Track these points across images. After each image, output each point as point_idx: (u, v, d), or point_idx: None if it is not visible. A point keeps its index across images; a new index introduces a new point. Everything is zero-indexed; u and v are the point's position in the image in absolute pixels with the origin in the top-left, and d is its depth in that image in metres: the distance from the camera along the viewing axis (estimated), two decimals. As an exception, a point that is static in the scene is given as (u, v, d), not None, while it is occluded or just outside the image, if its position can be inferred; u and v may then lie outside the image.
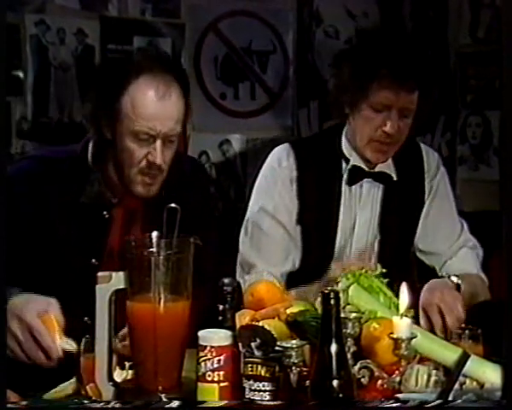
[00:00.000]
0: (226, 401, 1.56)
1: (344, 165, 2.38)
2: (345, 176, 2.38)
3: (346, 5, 3.49)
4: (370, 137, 2.29)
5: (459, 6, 3.53)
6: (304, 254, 2.38)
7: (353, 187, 2.38)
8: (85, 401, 1.63)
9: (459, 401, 1.55)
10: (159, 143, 1.99)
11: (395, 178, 2.39)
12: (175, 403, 1.56)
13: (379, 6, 3.52)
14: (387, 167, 2.39)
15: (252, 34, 3.41)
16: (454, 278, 2.18)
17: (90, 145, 2.10)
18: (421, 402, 1.54)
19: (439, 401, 1.54)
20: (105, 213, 2.07)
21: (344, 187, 2.38)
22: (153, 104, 1.97)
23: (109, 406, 1.60)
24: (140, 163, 2.01)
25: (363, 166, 2.37)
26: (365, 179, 2.38)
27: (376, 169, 2.38)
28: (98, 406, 1.60)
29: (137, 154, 2.00)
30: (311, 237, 2.38)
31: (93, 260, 2.04)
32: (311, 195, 2.37)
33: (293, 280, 2.35)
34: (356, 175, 2.37)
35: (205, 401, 1.57)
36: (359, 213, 2.38)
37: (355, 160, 2.37)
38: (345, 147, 2.38)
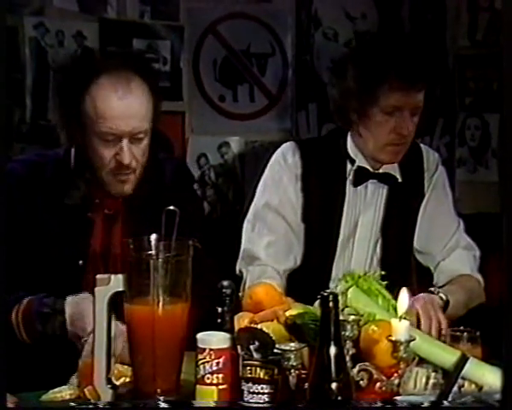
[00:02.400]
0: (213, 403, 1.57)
1: (349, 166, 2.39)
2: (350, 177, 2.38)
3: (345, 7, 3.50)
4: (385, 142, 2.29)
5: (457, 9, 3.54)
6: (306, 252, 2.38)
7: (358, 188, 2.38)
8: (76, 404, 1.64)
9: (446, 403, 1.56)
10: (125, 142, 1.98)
11: (400, 180, 2.40)
12: (166, 405, 1.56)
13: (377, 8, 3.52)
14: (392, 168, 2.39)
15: (251, 37, 3.41)
16: (442, 296, 2.17)
17: (73, 149, 2.10)
18: (417, 405, 1.54)
19: (429, 404, 1.54)
20: (89, 214, 2.07)
21: (348, 187, 2.38)
22: (113, 104, 1.96)
23: (102, 406, 1.61)
24: (109, 164, 2.01)
25: (369, 167, 2.38)
26: (370, 180, 2.38)
27: (381, 170, 2.39)
28: (91, 407, 1.61)
29: (106, 155, 2.00)
30: (314, 236, 2.38)
31: (80, 262, 2.04)
32: (316, 193, 2.38)
33: (294, 278, 2.36)
34: (361, 176, 2.38)
35: (191, 403, 1.57)
36: (362, 213, 2.39)
37: (360, 161, 2.37)
38: (350, 148, 2.39)
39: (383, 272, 1.96)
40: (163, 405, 1.57)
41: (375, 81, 2.23)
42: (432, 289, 2.18)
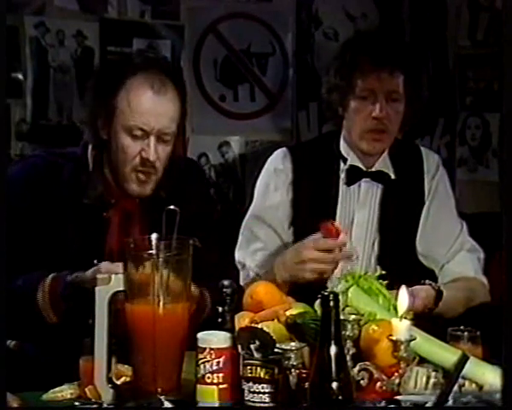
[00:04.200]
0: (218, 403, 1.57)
1: (342, 165, 2.40)
2: (342, 176, 2.39)
3: (346, 7, 3.49)
4: (363, 129, 2.32)
5: (458, 8, 3.53)
6: None
7: (351, 187, 2.39)
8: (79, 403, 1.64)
9: (449, 402, 1.56)
10: (152, 139, 2.02)
11: (393, 177, 2.40)
12: (170, 405, 1.56)
13: (378, 8, 3.52)
14: (385, 166, 2.40)
15: (251, 36, 3.40)
16: (434, 285, 2.18)
17: (90, 148, 2.12)
18: (419, 404, 1.54)
19: (432, 403, 1.54)
20: (105, 213, 2.09)
21: (342, 187, 2.39)
22: (147, 99, 2.01)
23: (105, 406, 1.61)
24: (134, 160, 2.04)
25: (361, 165, 2.38)
26: (363, 179, 2.39)
27: (374, 168, 2.40)
28: (94, 407, 1.61)
29: (131, 150, 2.03)
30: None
31: (95, 261, 2.05)
32: (307, 197, 2.38)
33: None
34: (354, 175, 2.38)
35: (195, 402, 1.57)
36: (357, 212, 2.39)
37: (352, 159, 2.38)
38: (343, 147, 2.40)
39: (383, 272, 1.96)
40: (167, 404, 1.58)
41: (350, 69, 2.29)
42: (424, 281, 2.19)
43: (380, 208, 2.40)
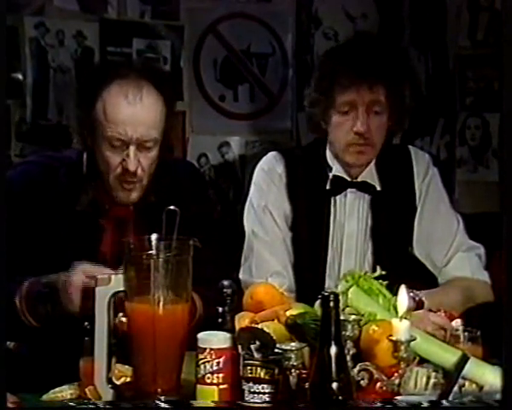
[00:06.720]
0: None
1: (329, 174, 2.37)
2: (327, 186, 2.36)
3: (345, 7, 3.49)
4: (346, 143, 2.28)
5: (458, 8, 3.53)
6: (296, 262, 2.36)
7: (337, 197, 2.36)
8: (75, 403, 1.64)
9: (445, 402, 1.56)
10: (132, 149, 2.00)
11: (378, 188, 2.36)
12: (166, 405, 1.56)
13: (378, 8, 3.52)
14: (370, 177, 2.36)
15: (251, 36, 3.40)
16: (416, 297, 2.14)
17: (85, 154, 2.11)
18: (417, 404, 1.54)
19: (429, 404, 1.54)
20: (100, 219, 2.08)
21: (332, 197, 2.37)
22: (123, 109, 1.99)
23: (102, 406, 1.61)
24: (116, 170, 2.03)
25: (345, 176, 2.35)
26: (349, 189, 2.36)
27: (359, 179, 2.36)
28: (91, 407, 1.61)
29: (112, 161, 2.02)
30: (303, 245, 2.36)
31: None
32: (302, 203, 2.36)
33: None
34: (338, 185, 2.35)
35: (191, 403, 1.57)
36: (346, 222, 2.36)
37: (337, 170, 2.35)
38: (328, 157, 2.37)
39: (383, 272, 1.95)
40: (163, 405, 1.58)
41: (330, 83, 2.25)
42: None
43: (369, 218, 2.36)
